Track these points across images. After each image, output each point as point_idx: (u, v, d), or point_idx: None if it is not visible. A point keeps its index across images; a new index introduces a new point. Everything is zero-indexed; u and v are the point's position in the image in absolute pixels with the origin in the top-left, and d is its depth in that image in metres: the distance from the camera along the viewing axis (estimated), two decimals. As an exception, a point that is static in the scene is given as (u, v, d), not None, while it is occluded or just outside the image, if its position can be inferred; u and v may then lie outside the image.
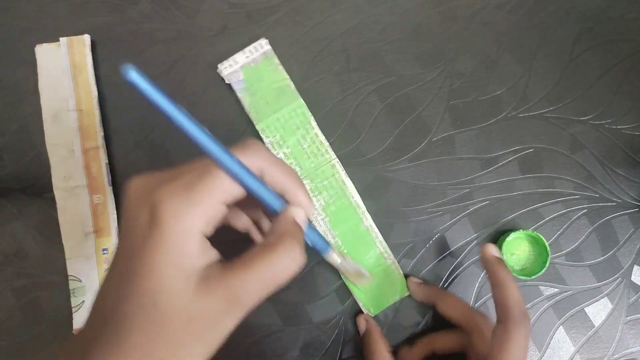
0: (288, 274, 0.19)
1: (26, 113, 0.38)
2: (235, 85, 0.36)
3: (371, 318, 0.35)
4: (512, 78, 0.38)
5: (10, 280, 0.36)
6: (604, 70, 0.39)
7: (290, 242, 0.20)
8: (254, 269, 0.19)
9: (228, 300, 0.18)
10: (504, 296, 0.28)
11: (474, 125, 0.38)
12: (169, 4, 0.39)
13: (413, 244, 0.36)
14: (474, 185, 0.37)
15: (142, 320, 0.17)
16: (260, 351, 0.35)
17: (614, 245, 0.37)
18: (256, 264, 0.19)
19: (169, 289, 0.17)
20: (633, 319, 0.36)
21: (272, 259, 0.19)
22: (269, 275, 0.19)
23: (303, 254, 0.20)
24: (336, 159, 0.36)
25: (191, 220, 0.18)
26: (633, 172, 0.37)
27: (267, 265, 0.19)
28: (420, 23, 0.39)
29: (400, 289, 0.35)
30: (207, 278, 0.18)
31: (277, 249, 0.19)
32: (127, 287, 0.18)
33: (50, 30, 0.39)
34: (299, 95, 0.36)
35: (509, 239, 0.35)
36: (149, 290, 0.17)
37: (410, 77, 0.38)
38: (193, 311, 0.18)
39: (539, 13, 0.39)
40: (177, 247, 0.18)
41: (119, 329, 0.17)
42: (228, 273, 0.19)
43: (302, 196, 0.22)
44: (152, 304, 0.17)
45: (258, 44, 0.37)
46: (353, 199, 0.36)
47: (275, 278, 0.19)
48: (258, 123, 0.36)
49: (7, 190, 0.37)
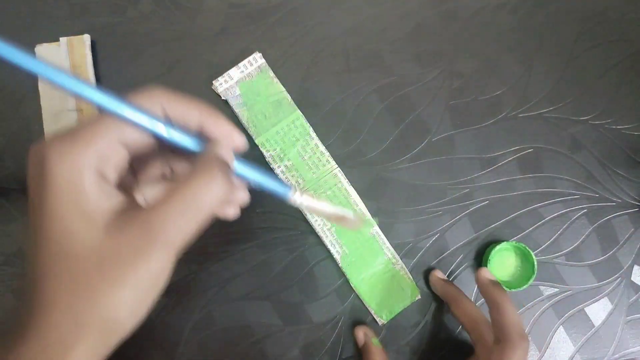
0: (212, 200, 0.18)
1: (26, 113, 0.38)
2: (232, 100, 0.36)
3: (370, 331, 0.34)
4: (512, 78, 0.38)
5: (10, 281, 0.36)
6: (604, 70, 0.39)
7: (211, 167, 0.18)
8: (172, 201, 0.17)
9: (145, 237, 0.17)
10: (501, 318, 0.28)
11: (474, 125, 0.38)
12: (169, 4, 0.39)
13: (413, 244, 0.36)
14: (474, 185, 0.37)
15: (55, 269, 0.17)
16: (260, 351, 0.35)
17: (614, 245, 0.37)
18: (174, 195, 0.18)
19: (72, 230, 0.17)
20: (633, 319, 0.36)
21: (191, 186, 0.18)
22: (189, 206, 0.17)
23: (228, 179, 0.19)
24: (338, 168, 0.36)
25: (78, 158, 0.17)
26: (633, 172, 0.37)
27: (185, 196, 0.18)
28: (420, 23, 0.39)
29: (411, 293, 0.35)
30: (120, 218, 0.17)
31: (196, 176, 0.18)
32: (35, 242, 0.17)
33: (50, 30, 0.39)
34: (296, 107, 0.36)
35: (497, 249, 0.35)
36: (54, 237, 0.17)
37: (410, 77, 0.38)
38: (104, 252, 0.17)
39: (539, 13, 0.39)
40: (69, 186, 0.17)
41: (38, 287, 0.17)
42: (144, 210, 0.17)
43: (222, 127, 0.20)
44: (59, 251, 0.17)
45: (252, 58, 0.37)
46: (357, 207, 0.36)
47: (198, 207, 0.18)
48: (257, 137, 0.36)
49: (7, 190, 0.37)
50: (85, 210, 0.17)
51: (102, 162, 0.18)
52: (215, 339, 0.35)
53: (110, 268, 0.17)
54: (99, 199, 0.17)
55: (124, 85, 0.38)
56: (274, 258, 0.36)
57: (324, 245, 0.35)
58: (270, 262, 0.36)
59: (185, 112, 0.20)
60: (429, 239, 0.37)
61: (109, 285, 0.17)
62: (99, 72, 0.38)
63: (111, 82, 0.38)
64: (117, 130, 0.18)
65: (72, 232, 0.17)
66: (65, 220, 0.17)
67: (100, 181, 0.18)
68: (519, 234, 0.37)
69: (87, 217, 0.17)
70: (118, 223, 0.17)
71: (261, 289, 0.36)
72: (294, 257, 0.36)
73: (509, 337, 0.27)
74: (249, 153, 0.37)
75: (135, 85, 0.38)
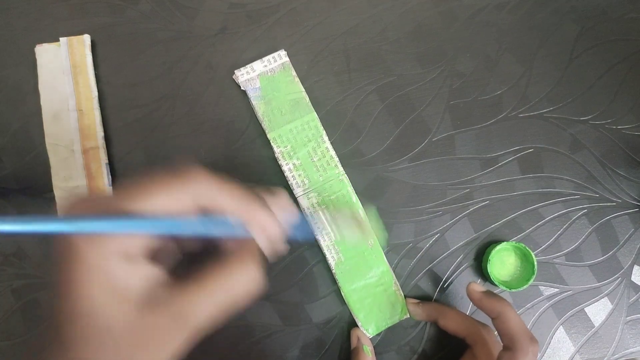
0: (245, 294, 0.19)
1: (26, 113, 0.38)
2: (251, 92, 0.36)
3: (364, 336, 0.34)
4: (512, 78, 0.38)
5: (10, 281, 0.36)
6: (604, 70, 0.39)
7: (248, 261, 0.19)
8: (206, 289, 0.18)
9: (176, 321, 0.18)
10: (506, 326, 0.28)
11: (474, 125, 0.38)
12: (169, 4, 0.39)
13: (413, 244, 0.36)
14: (474, 185, 0.37)
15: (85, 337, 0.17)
16: (260, 351, 0.35)
17: (614, 245, 0.37)
18: (209, 284, 0.18)
19: (103, 307, 0.17)
20: (633, 319, 0.36)
21: (227, 279, 0.18)
22: (222, 296, 0.18)
23: (262, 275, 0.19)
24: (345, 174, 0.36)
25: (104, 244, 0.18)
26: (633, 172, 0.37)
27: (220, 285, 0.18)
28: (420, 23, 0.39)
29: (401, 311, 0.35)
30: (153, 296, 0.18)
31: (234, 268, 0.19)
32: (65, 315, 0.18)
33: (50, 30, 0.39)
34: (313, 109, 0.36)
35: (497, 249, 0.35)
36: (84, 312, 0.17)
37: (410, 77, 0.38)
38: (135, 329, 0.17)
39: (539, 13, 0.39)
40: (99, 269, 0.17)
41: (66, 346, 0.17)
42: (177, 291, 0.18)
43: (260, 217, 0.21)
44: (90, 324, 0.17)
45: (277, 54, 0.37)
46: (359, 216, 0.36)
47: (229, 299, 0.18)
48: (270, 132, 0.36)
49: (7, 190, 0.37)
50: (115, 289, 0.17)
51: (129, 245, 0.18)
52: (215, 339, 0.35)
53: (139, 346, 0.17)
54: (128, 279, 0.18)
55: (124, 85, 0.38)
56: (274, 258, 0.36)
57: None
58: (270, 262, 0.36)
59: (220, 201, 0.20)
60: (429, 239, 0.37)
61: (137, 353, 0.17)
62: (99, 72, 0.38)
63: (111, 82, 0.38)
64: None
65: (104, 308, 0.17)
66: (96, 299, 0.17)
67: (128, 263, 0.18)
68: (519, 234, 0.37)
69: (118, 296, 0.17)
70: (150, 301, 0.18)
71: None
72: (294, 257, 0.36)
73: (518, 343, 0.27)
74: (258, 145, 0.37)
75: (135, 85, 0.38)
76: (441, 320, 0.33)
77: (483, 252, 0.36)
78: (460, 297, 0.36)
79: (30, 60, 0.37)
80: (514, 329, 0.28)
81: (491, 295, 0.30)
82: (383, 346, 0.35)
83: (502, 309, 0.29)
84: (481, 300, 0.30)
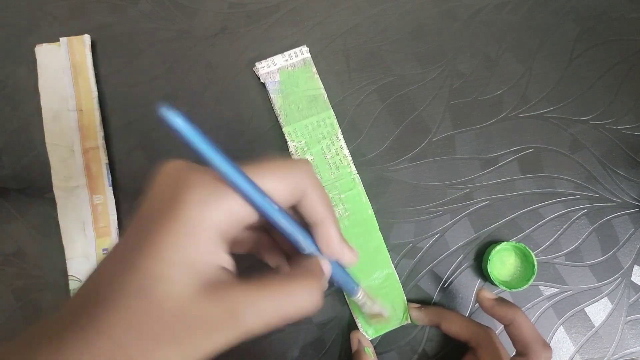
0: (300, 311, 0.18)
1: (26, 113, 0.37)
2: (270, 85, 0.36)
3: (365, 338, 0.34)
4: (512, 78, 0.38)
5: (10, 281, 0.36)
6: (604, 70, 0.39)
7: (313, 282, 0.19)
8: (267, 293, 0.18)
9: (230, 317, 0.17)
10: (520, 333, 0.28)
11: (474, 125, 0.38)
12: (169, 4, 0.39)
13: (413, 244, 0.36)
14: (474, 185, 0.37)
15: (132, 302, 0.16)
16: (260, 351, 0.35)
17: (614, 245, 0.37)
18: (272, 290, 0.18)
19: (170, 277, 0.16)
20: (633, 319, 0.36)
21: (290, 290, 0.18)
22: (280, 305, 0.18)
23: (322, 299, 0.19)
24: (357, 174, 0.36)
25: (213, 214, 0.17)
26: (633, 172, 0.37)
27: (282, 295, 0.18)
28: (420, 23, 0.39)
29: (403, 316, 0.35)
30: (215, 282, 0.17)
31: (299, 283, 0.19)
32: (129, 261, 0.16)
33: (50, 30, 0.39)
34: (330, 106, 0.36)
35: (497, 249, 0.35)
36: (150, 272, 0.16)
37: (410, 77, 0.38)
38: (188, 313, 0.16)
39: (539, 13, 0.39)
40: (191, 237, 0.16)
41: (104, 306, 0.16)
42: (238, 286, 0.17)
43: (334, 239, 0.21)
44: (148, 288, 0.16)
45: (299, 50, 0.37)
46: (368, 215, 0.35)
47: (286, 310, 0.18)
48: (286, 126, 0.36)
49: (7, 190, 0.37)
50: (192, 263, 0.17)
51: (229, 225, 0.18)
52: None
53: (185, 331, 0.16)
54: (208, 256, 0.17)
55: (124, 85, 0.38)
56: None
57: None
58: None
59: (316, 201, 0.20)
60: (429, 239, 0.37)
61: (174, 344, 0.16)
62: (99, 72, 0.38)
63: (111, 82, 0.38)
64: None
65: (170, 278, 0.16)
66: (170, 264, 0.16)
67: (217, 241, 0.17)
68: (519, 234, 0.37)
69: (191, 270, 0.17)
70: (211, 289, 0.17)
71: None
72: (294, 257, 0.36)
73: (532, 349, 0.28)
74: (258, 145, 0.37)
75: (135, 85, 0.38)
76: (444, 324, 0.33)
77: (483, 252, 0.36)
78: (460, 297, 0.36)
79: (30, 60, 0.37)
80: (527, 335, 0.28)
81: (503, 302, 0.30)
82: (383, 346, 0.35)
83: (515, 315, 0.29)
84: (493, 307, 0.30)
